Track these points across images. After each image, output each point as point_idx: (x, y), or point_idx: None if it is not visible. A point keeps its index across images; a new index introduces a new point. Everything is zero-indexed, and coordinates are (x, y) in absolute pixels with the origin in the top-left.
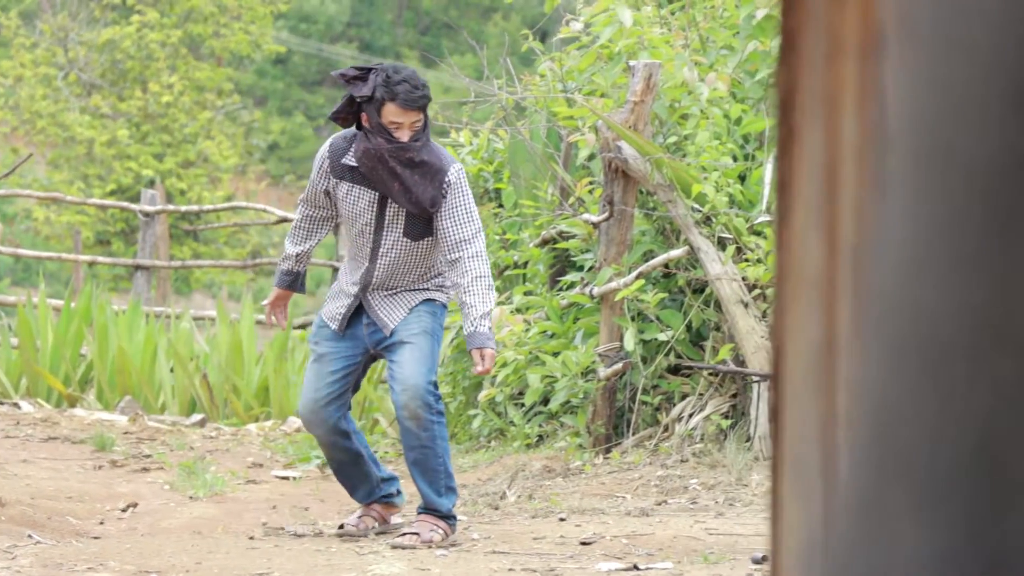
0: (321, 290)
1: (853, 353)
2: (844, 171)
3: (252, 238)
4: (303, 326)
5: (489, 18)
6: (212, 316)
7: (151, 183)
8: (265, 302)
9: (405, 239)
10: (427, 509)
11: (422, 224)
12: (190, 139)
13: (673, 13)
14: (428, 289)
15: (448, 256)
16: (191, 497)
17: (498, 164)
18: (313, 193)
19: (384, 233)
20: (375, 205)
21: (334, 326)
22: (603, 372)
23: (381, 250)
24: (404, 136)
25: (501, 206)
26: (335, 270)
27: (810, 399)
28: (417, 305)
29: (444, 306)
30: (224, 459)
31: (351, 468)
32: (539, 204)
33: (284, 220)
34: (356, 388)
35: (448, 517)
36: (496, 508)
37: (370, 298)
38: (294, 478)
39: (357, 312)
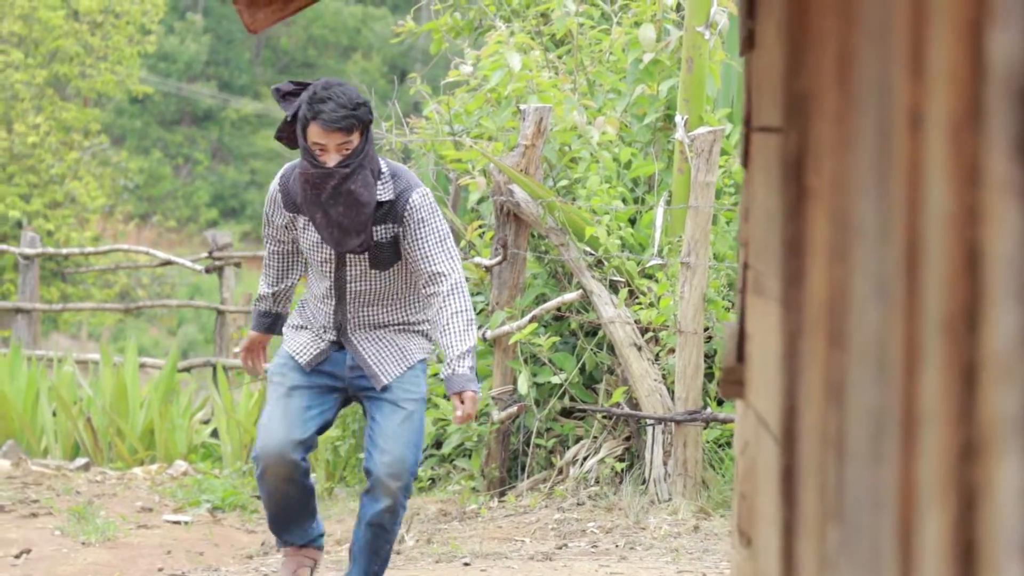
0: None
1: (945, 423)
2: (929, 245)
3: (120, 279)
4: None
5: (349, 57)
6: (95, 359)
7: (18, 224)
8: (239, 348)
9: (373, 270)
10: None
11: (389, 251)
12: (57, 180)
13: (560, 57)
14: (419, 333)
15: (424, 291)
16: (83, 543)
17: None
18: (272, 229)
19: (347, 268)
20: None
21: (303, 360)
22: (497, 415)
23: (348, 286)
24: (330, 160)
25: None
26: None
27: (878, 467)
28: (415, 364)
29: (425, 361)
30: (112, 503)
31: (298, 508)
32: None
33: (168, 263)
34: (326, 428)
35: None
36: (398, 552)
37: (354, 340)
38: (186, 523)
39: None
